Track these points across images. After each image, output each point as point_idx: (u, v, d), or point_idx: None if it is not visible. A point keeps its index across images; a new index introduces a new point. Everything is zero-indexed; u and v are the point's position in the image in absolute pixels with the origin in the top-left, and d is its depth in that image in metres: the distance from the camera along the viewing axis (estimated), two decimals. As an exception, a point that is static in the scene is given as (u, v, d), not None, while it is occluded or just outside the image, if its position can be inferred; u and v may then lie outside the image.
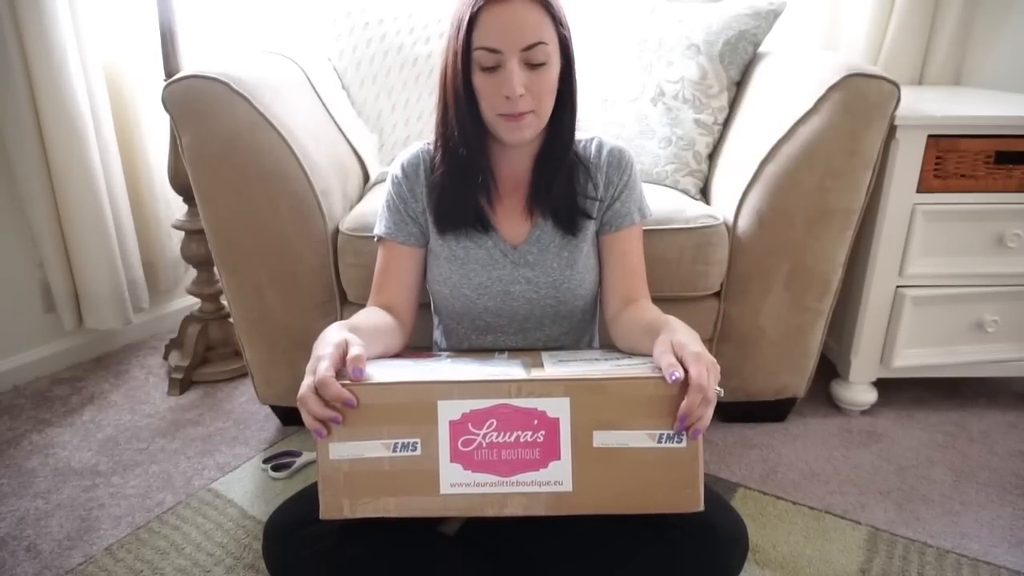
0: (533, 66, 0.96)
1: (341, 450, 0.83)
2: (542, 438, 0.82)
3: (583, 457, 0.82)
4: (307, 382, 0.82)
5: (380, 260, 1.13)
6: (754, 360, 1.47)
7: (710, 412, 0.80)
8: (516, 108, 0.97)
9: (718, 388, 0.81)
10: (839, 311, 1.52)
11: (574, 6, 1.66)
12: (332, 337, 0.88)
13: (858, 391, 1.60)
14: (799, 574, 1.16)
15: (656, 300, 1.13)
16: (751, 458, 1.47)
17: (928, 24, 1.88)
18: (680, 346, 0.83)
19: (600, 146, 1.12)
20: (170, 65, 1.64)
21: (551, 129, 1.04)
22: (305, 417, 0.82)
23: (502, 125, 1.00)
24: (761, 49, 1.55)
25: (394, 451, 0.83)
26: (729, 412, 1.58)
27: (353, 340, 0.87)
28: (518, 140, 1.01)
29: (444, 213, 1.09)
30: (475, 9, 0.94)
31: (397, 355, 1.07)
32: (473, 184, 1.07)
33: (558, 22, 0.97)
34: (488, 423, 0.82)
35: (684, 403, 0.80)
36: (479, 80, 0.98)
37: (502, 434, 0.82)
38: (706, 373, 0.80)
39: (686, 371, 0.80)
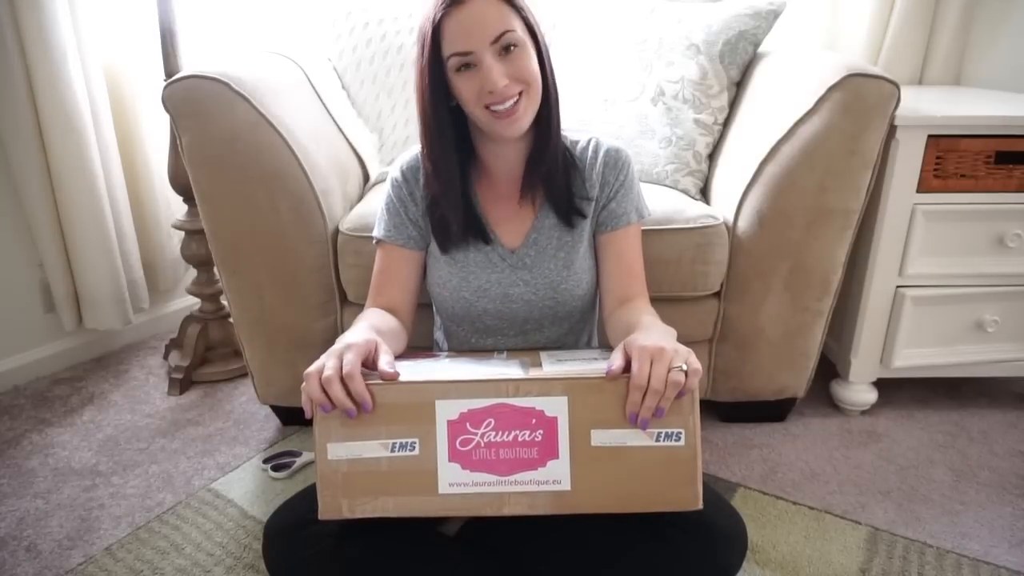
0: (507, 52, 0.96)
1: (339, 450, 0.83)
2: (540, 437, 0.82)
3: (581, 456, 0.82)
4: (332, 364, 0.82)
5: (379, 262, 1.13)
6: (754, 360, 1.47)
7: (668, 395, 0.80)
8: (504, 95, 0.97)
9: (682, 366, 0.80)
10: (839, 311, 1.52)
11: (575, 6, 1.67)
12: (361, 334, 0.88)
13: (858, 391, 1.60)
14: (799, 574, 1.16)
15: (656, 300, 1.13)
16: (751, 458, 1.47)
17: (928, 24, 1.88)
18: (629, 343, 0.84)
19: (597, 146, 1.12)
20: (170, 65, 1.64)
21: (538, 121, 1.04)
22: (314, 392, 0.81)
23: (495, 123, 0.99)
24: (761, 49, 1.55)
25: (392, 451, 0.83)
26: (729, 412, 1.58)
27: (383, 346, 0.88)
28: (514, 133, 1.01)
29: (442, 230, 1.09)
30: (436, 22, 0.95)
31: (398, 356, 1.07)
32: (464, 197, 1.07)
33: (518, 8, 0.98)
34: (486, 423, 0.82)
35: (627, 401, 0.80)
36: (459, 84, 0.98)
37: (500, 433, 0.82)
38: (647, 367, 0.80)
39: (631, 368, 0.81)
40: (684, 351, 0.83)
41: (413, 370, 0.90)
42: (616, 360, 0.83)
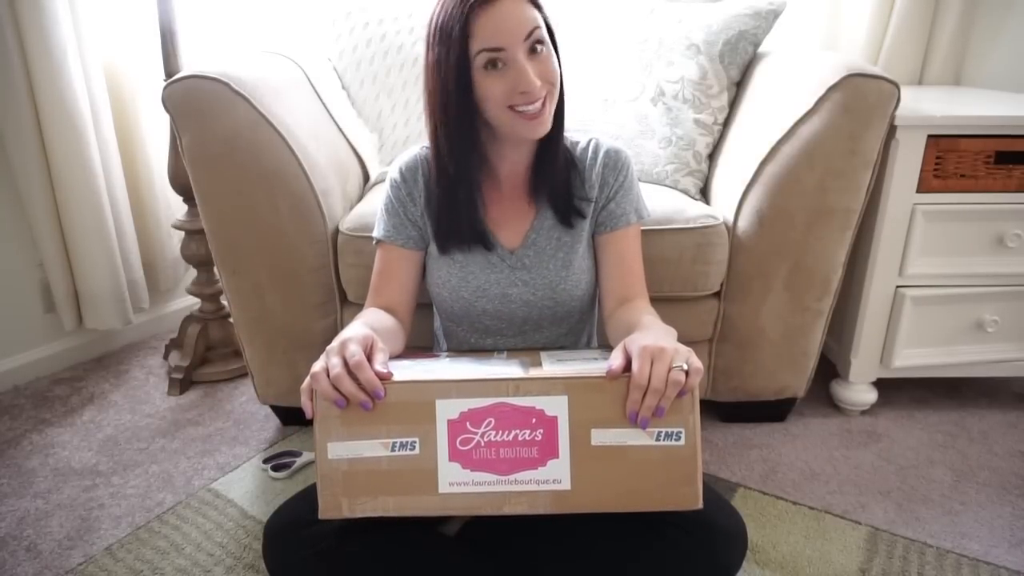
0: (535, 52, 0.96)
1: (339, 450, 0.83)
2: (540, 436, 0.82)
3: (581, 455, 0.82)
4: (336, 361, 0.82)
5: (379, 262, 1.13)
6: (754, 360, 1.47)
7: (668, 394, 0.79)
8: (535, 96, 0.96)
9: (683, 366, 0.80)
10: (839, 311, 1.52)
11: (575, 6, 1.67)
12: (358, 330, 0.89)
13: (858, 391, 1.60)
14: (799, 574, 1.16)
15: (656, 300, 1.13)
16: (751, 458, 1.47)
17: (928, 24, 1.88)
18: (630, 342, 0.84)
19: (597, 147, 1.12)
20: (170, 65, 1.64)
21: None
22: (327, 391, 0.81)
23: (521, 125, 0.98)
24: (761, 49, 1.55)
25: (392, 450, 0.83)
26: (729, 412, 1.58)
27: (379, 343, 0.88)
28: (539, 135, 1.00)
29: (444, 233, 1.09)
30: (464, 19, 0.93)
31: (397, 356, 1.07)
32: (470, 202, 1.06)
33: (540, 8, 0.98)
34: (486, 422, 0.82)
35: (628, 400, 0.80)
36: (485, 83, 0.96)
37: (500, 433, 0.82)
38: (647, 366, 0.80)
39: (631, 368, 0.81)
40: (685, 350, 0.83)
41: (412, 369, 0.90)
42: (616, 359, 0.83)
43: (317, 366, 0.83)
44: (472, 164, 1.03)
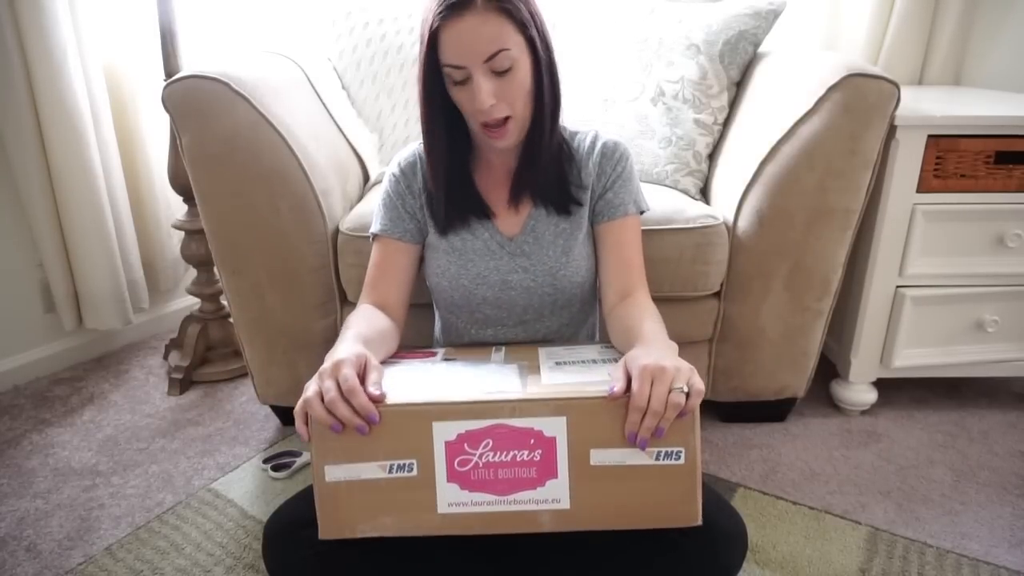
0: (500, 73, 0.97)
1: (337, 472, 0.82)
2: (539, 457, 0.82)
3: (581, 475, 0.82)
4: (330, 385, 0.81)
5: (375, 257, 1.14)
6: (754, 360, 1.47)
7: (668, 416, 0.78)
8: (491, 116, 0.99)
9: (683, 387, 0.79)
10: (839, 311, 1.52)
11: (575, 6, 1.67)
12: (350, 348, 0.88)
13: (858, 391, 1.60)
14: (799, 574, 1.16)
15: (656, 300, 1.13)
16: (751, 458, 1.47)
17: (928, 24, 1.88)
18: (630, 361, 0.83)
19: (595, 138, 1.13)
20: (170, 65, 1.64)
21: (531, 123, 1.05)
22: (322, 416, 0.80)
23: (486, 138, 1.03)
24: (761, 49, 1.55)
25: (390, 472, 0.82)
26: (729, 412, 1.58)
27: (372, 361, 0.87)
28: (503, 147, 1.04)
29: (443, 212, 1.10)
30: (434, 28, 0.95)
31: (392, 356, 1.06)
32: (463, 180, 1.09)
33: (521, 24, 0.96)
34: (484, 443, 0.82)
35: (627, 421, 0.80)
36: (455, 93, 1.00)
37: (499, 454, 0.82)
38: (647, 388, 0.79)
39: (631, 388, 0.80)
40: (686, 369, 0.81)
41: (407, 378, 0.89)
42: (618, 382, 0.81)
43: (311, 390, 0.82)
44: (448, 149, 1.07)
